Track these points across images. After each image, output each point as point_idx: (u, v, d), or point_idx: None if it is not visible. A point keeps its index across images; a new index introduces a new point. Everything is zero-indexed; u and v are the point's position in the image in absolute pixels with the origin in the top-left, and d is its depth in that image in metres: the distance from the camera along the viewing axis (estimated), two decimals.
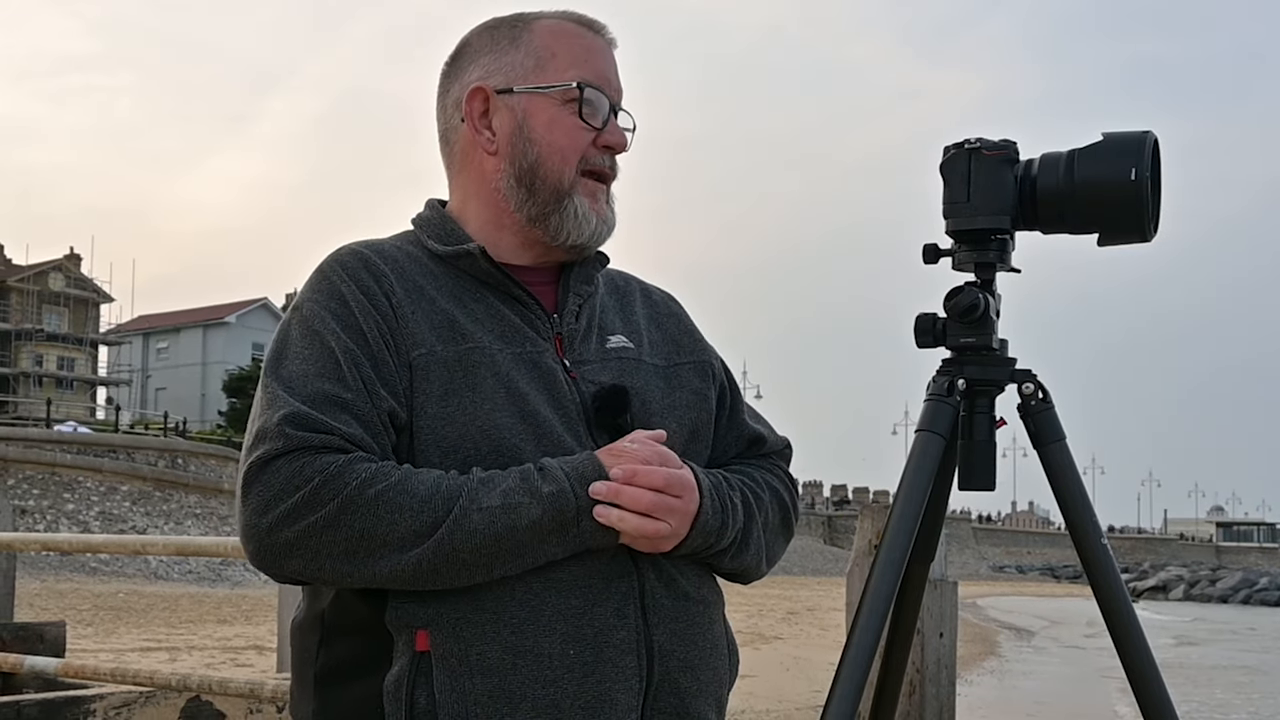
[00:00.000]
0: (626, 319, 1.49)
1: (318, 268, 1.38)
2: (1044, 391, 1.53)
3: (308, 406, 1.25)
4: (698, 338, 1.55)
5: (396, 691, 1.25)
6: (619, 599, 1.30)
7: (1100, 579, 1.50)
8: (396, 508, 1.22)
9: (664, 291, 1.59)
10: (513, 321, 1.38)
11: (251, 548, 1.25)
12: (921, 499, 1.50)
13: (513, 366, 1.34)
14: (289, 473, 1.22)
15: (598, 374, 1.39)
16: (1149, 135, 1.44)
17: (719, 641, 1.41)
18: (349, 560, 1.23)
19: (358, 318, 1.31)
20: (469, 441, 1.29)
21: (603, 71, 1.43)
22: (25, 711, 4.40)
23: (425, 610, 1.26)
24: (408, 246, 1.42)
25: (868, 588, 1.46)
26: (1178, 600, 48.33)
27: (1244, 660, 20.52)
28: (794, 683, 11.91)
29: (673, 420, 1.41)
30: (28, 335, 59.40)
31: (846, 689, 1.41)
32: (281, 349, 1.32)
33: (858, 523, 3.78)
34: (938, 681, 3.68)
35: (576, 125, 1.41)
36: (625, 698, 1.29)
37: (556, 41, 1.43)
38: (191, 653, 12.48)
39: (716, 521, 1.34)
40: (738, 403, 1.54)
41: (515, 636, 1.26)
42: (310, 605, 1.36)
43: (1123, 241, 1.48)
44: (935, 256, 1.53)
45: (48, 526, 24.89)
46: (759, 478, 1.47)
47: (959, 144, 1.50)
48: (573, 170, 1.40)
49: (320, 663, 1.32)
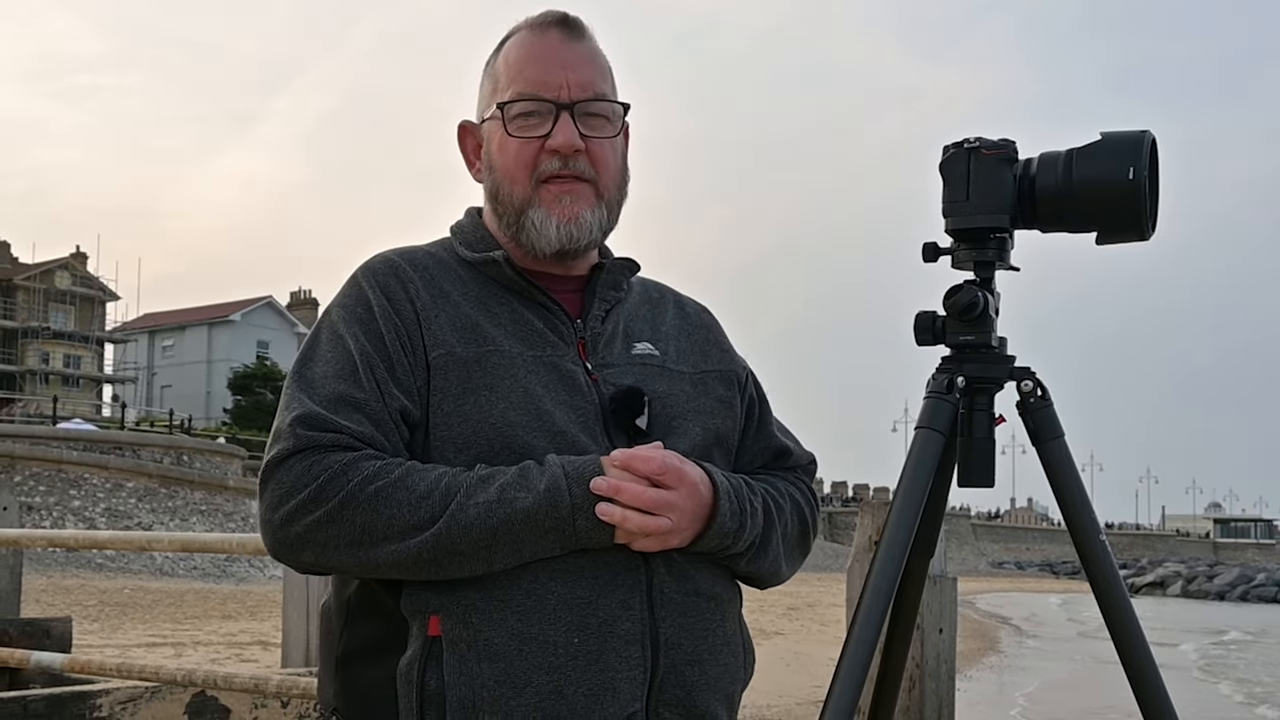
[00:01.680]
0: (655, 328, 1.52)
1: (350, 276, 1.45)
2: (1043, 389, 1.54)
3: (322, 407, 1.32)
4: (727, 349, 1.58)
5: (409, 674, 1.29)
6: (625, 590, 1.32)
7: (1099, 575, 1.51)
8: (395, 503, 1.27)
9: (699, 304, 1.62)
10: (535, 326, 1.42)
11: (268, 541, 1.33)
12: (921, 495, 1.51)
13: (532, 369, 1.37)
14: (299, 470, 1.29)
15: (620, 377, 1.42)
16: (1147, 135, 1.45)
17: (731, 638, 1.43)
18: (354, 551, 1.28)
19: (379, 322, 1.37)
20: (482, 439, 1.33)
21: (538, 76, 1.44)
22: (32, 707, 4.42)
23: (438, 596, 1.30)
24: (441, 253, 1.48)
25: (868, 583, 1.47)
26: (1175, 596, 48.22)
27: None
28: (795, 678, 11.91)
29: (696, 424, 1.43)
30: (34, 333, 59.49)
31: (847, 684, 1.42)
32: (310, 352, 1.39)
33: (858, 519, 3.78)
34: (937, 677, 3.69)
35: (514, 143, 1.44)
36: (629, 687, 1.31)
37: (505, 61, 1.47)
38: (197, 648, 12.51)
39: (734, 523, 1.37)
40: (766, 415, 1.57)
41: (521, 624, 1.29)
42: (338, 592, 1.41)
43: (1121, 240, 1.48)
44: (935, 255, 1.54)
45: (54, 523, 24.94)
46: (782, 488, 1.50)
47: (958, 143, 1.51)
48: (525, 186, 1.44)
49: (343, 646, 1.37)
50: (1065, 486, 1.53)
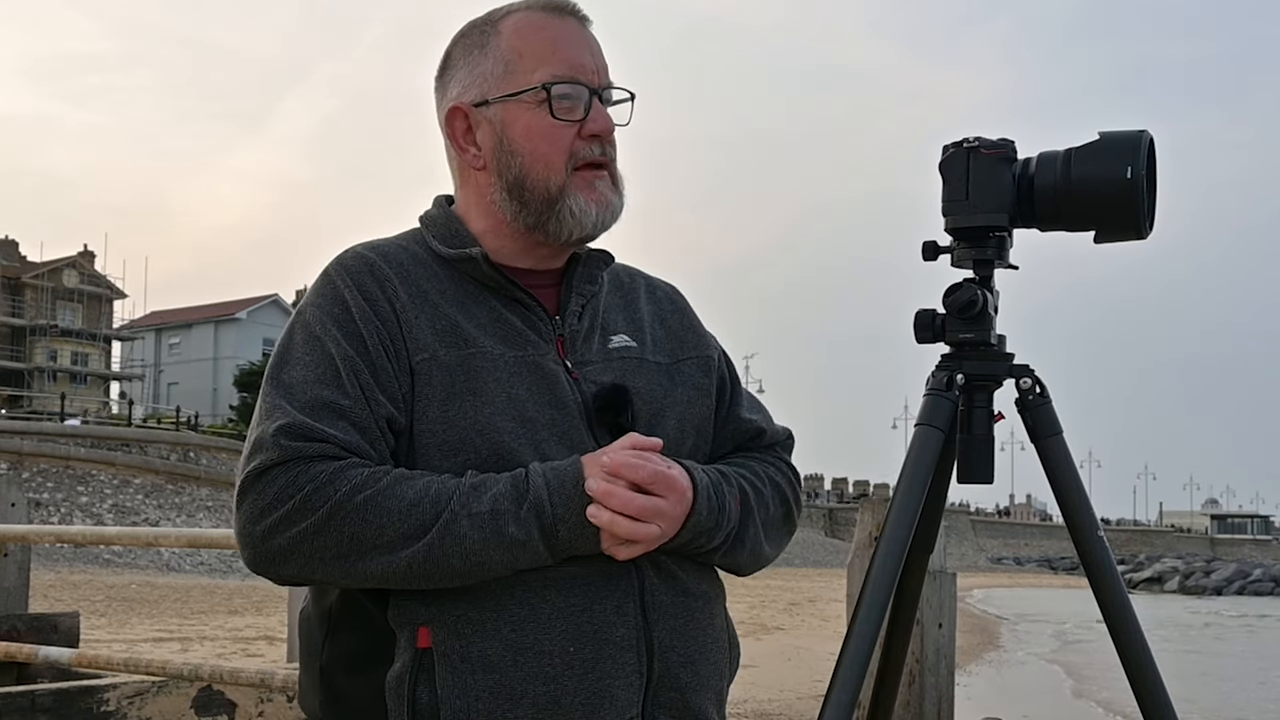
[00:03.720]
0: (630, 317, 1.49)
1: (323, 271, 1.39)
2: (1041, 386, 1.55)
3: (305, 414, 1.27)
4: (700, 331, 1.55)
5: (399, 687, 1.26)
6: (619, 596, 1.31)
7: (1097, 571, 1.52)
8: (384, 512, 1.24)
9: (668, 285, 1.59)
10: (515, 325, 1.38)
11: (247, 554, 1.28)
12: (921, 492, 1.52)
13: (514, 370, 1.34)
14: (283, 482, 1.24)
15: (600, 374, 1.40)
16: (1144, 134, 1.46)
17: (719, 636, 1.42)
18: (340, 562, 1.25)
19: (358, 324, 1.32)
20: (469, 444, 1.30)
21: (573, 58, 1.40)
22: (40, 701, 4.45)
23: (427, 608, 1.27)
24: (413, 247, 1.42)
25: (868, 579, 1.48)
26: (1173, 592, 48.11)
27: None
28: (795, 672, 11.92)
29: (674, 418, 1.42)
30: (42, 331, 59.60)
31: (847, 678, 1.43)
32: (285, 354, 1.34)
33: (858, 515, 3.80)
34: (937, 671, 3.71)
35: (554, 126, 1.38)
36: (625, 694, 1.30)
37: (522, 40, 1.40)
38: (203, 643, 12.53)
39: (710, 522, 1.34)
40: (737, 394, 1.54)
41: (515, 634, 1.27)
42: (317, 600, 1.38)
43: (1119, 239, 1.49)
44: (935, 253, 1.54)
45: (62, 519, 25.01)
46: (760, 471, 1.47)
47: (958, 143, 1.52)
48: (561, 173, 1.38)
49: (326, 656, 1.34)
50: (1064, 483, 1.53)
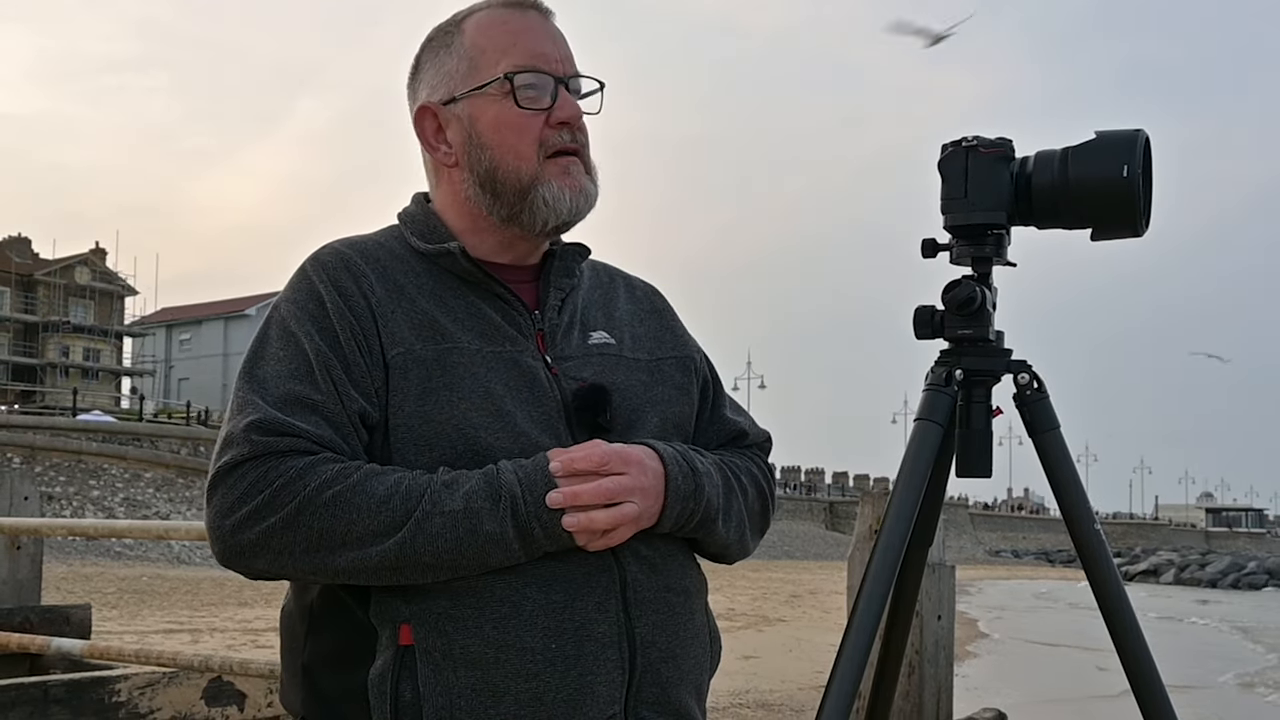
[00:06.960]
0: (609, 314, 1.48)
1: (299, 268, 1.39)
2: (1039, 381, 1.56)
3: (277, 409, 1.27)
4: (680, 333, 1.55)
5: (381, 685, 1.26)
6: (600, 592, 1.30)
7: (1093, 563, 1.53)
8: (354, 508, 1.23)
9: (648, 285, 1.59)
10: (494, 320, 1.37)
11: (217, 548, 1.28)
12: (920, 485, 1.53)
13: (492, 365, 1.34)
14: (254, 477, 1.24)
15: (579, 370, 1.39)
16: (1140, 134, 1.47)
17: (700, 631, 1.42)
18: (310, 557, 1.25)
19: (333, 319, 1.32)
20: (444, 440, 1.30)
21: (535, 49, 1.40)
22: (52, 691, 4.48)
23: (408, 605, 1.27)
24: (391, 243, 1.42)
25: (868, 571, 1.49)
26: (1169, 584, 48.03)
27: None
28: (796, 663, 11.93)
29: (654, 415, 1.42)
30: (54, 327, 59.90)
31: (848, 669, 1.45)
32: (259, 350, 1.34)
33: (859, 508, 3.82)
34: (936, 662, 3.73)
35: (520, 115, 1.38)
36: (607, 690, 1.29)
37: (484, 36, 1.41)
38: (213, 634, 12.60)
39: (690, 485, 1.34)
40: (720, 397, 1.55)
41: (497, 631, 1.26)
42: (298, 597, 1.37)
43: (1115, 236, 1.50)
44: (934, 251, 1.56)
45: (74, 512, 25.14)
46: (739, 463, 1.48)
47: (956, 142, 1.53)
48: (532, 162, 1.39)
49: (308, 653, 1.34)
50: (1061, 477, 1.54)
